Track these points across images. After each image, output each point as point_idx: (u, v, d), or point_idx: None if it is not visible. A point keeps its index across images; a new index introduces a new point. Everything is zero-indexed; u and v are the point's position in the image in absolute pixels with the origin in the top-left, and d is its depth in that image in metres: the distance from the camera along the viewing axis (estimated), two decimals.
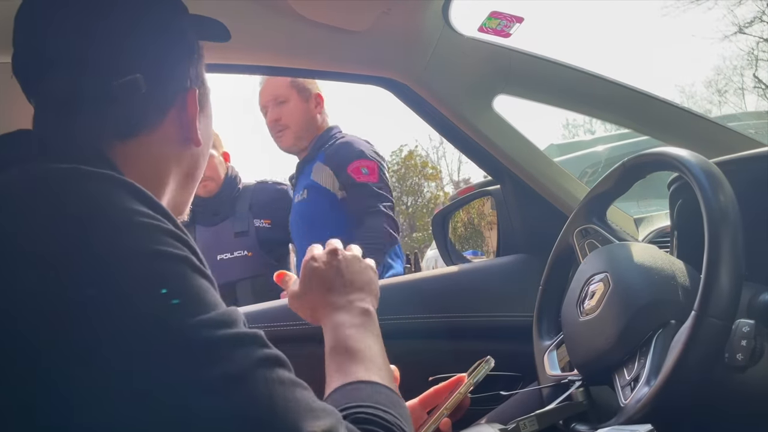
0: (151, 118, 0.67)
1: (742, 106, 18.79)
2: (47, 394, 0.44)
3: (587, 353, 0.89)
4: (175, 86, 0.69)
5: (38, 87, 0.66)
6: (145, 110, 0.67)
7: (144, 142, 0.66)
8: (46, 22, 0.64)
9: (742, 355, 0.71)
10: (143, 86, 0.65)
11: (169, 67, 0.69)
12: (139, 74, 0.65)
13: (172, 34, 0.70)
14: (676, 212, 1.02)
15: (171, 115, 0.69)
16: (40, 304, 0.45)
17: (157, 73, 0.67)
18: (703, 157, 0.82)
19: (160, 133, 0.68)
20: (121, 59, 0.65)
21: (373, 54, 1.20)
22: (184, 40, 0.71)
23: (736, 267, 0.72)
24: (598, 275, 0.90)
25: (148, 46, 0.67)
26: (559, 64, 1.31)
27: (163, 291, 0.47)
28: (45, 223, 0.48)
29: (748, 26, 15.99)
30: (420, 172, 29.78)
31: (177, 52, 0.70)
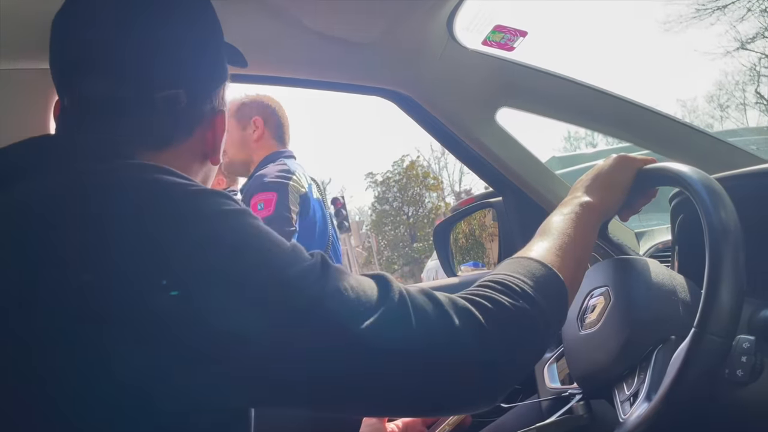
0: (184, 132, 0.70)
1: (743, 122, 18.83)
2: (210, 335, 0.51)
3: (587, 367, 0.89)
4: (209, 106, 0.72)
5: (77, 88, 0.66)
6: (180, 124, 0.69)
7: (171, 154, 0.68)
8: (95, 28, 0.66)
9: (743, 371, 0.71)
10: (184, 101, 0.68)
11: (208, 87, 0.72)
12: (181, 89, 0.67)
13: (214, 55, 0.72)
14: (677, 227, 1.02)
15: (198, 132, 0.71)
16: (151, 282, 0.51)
17: (196, 91, 0.69)
18: (705, 173, 0.82)
19: (186, 148, 0.70)
20: (166, 72, 0.67)
21: (378, 66, 1.21)
22: (222, 63, 0.74)
23: (736, 283, 0.72)
24: (599, 289, 0.90)
25: (192, 63, 0.69)
26: (562, 77, 1.32)
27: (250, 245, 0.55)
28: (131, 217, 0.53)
29: (750, 42, 16.06)
30: (421, 183, 29.80)
31: (215, 73, 0.73)
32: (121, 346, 0.50)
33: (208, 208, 0.56)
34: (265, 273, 0.54)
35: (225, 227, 0.56)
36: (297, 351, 0.53)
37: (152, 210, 0.54)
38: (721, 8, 15.64)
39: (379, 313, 0.56)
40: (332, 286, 0.56)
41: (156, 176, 0.58)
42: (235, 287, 0.53)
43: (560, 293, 0.67)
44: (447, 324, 0.58)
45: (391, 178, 30.09)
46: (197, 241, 0.53)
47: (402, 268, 29.43)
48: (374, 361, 0.55)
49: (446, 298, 0.61)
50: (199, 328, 0.51)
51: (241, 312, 0.52)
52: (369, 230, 29.30)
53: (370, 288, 0.58)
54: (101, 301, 0.50)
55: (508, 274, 0.66)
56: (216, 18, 0.73)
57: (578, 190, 0.85)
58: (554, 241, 0.74)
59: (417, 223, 29.49)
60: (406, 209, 29.95)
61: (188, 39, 0.69)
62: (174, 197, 0.56)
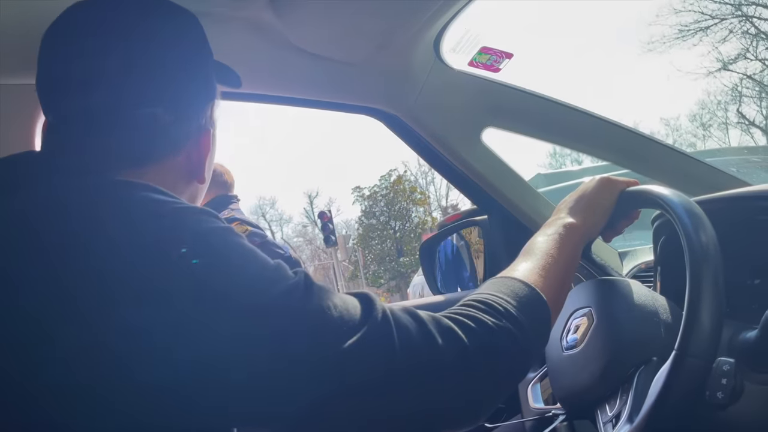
0: (168, 150, 0.69)
1: (726, 141, 19.11)
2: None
3: (570, 387, 0.89)
4: (193, 125, 0.71)
5: (59, 105, 0.67)
6: (164, 142, 0.69)
7: (156, 172, 0.68)
8: (78, 45, 0.66)
9: (723, 394, 0.72)
10: (163, 120, 0.67)
11: (191, 106, 0.71)
12: (160, 108, 0.67)
13: (198, 75, 0.72)
14: (659, 248, 1.03)
15: (184, 151, 0.71)
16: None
17: (181, 109, 0.69)
18: (686, 197, 0.84)
19: (171, 166, 0.70)
20: (149, 89, 0.67)
21: (365, 85, 1.22)
22: (208, 82, 0.74)
23: (716, 306, 0.73)
24: (582, 309, 0.91)
25: (176, 81, 0.69)
26: (547, 99, 1.34)
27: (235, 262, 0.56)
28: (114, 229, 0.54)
29: (732, 63, 16.35)
30: (408, 197, 29.86)
31: (200, 92, 0.73)
32: (102, 358, 0.50)
33: (192, 226, 0.56)
34: (249, 291, 0.54)
35: (209, 245, 0.56)
36: (280, 369, 0.53)
37: (135, 227, 0.54)
38: (703, 29, 15.93)
39: (363, 332, 0.56)
40: (315, 304, 0.56)
41: (139, 193, 0.58)
42: (218, 305, 0.53)
43: (543, 313, 0.68)
44: (430, 343, 0.58)
45: (378, 193, 30.13)
46: (180, 259, 0.53)
47: (388, 282, 29.37)
48: (357, 380, 0.55)
49: (430, 318, 0.61)
50: (181, 345, 0.51)
51: (224, 329, 0.52)
52: (356, 244, 29.25)
53: (353, 306, 0.59)
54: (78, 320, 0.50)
55: (491, 293, 0.67)
56: (203, 36, 0.73)
57: (562, 211, 0.86)
58: (538, 261, 0.75)
59: (404, 238, 29.49)
60: (392, 223, 29.96)
61: (172, 57, 0.68)
62: (157, 215, 0.56)
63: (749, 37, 15.94)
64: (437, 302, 1.46)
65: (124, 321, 0.50)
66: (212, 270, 0.54)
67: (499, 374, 0.62)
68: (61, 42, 0.67)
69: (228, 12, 0.96)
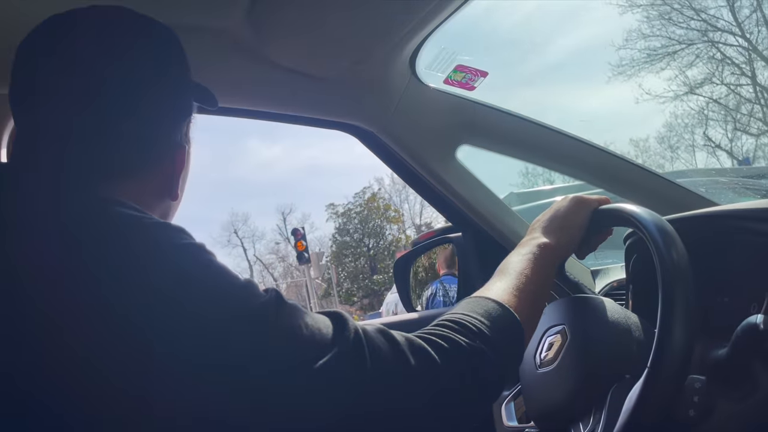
0: (140, 166, 0.68)
1: (693, 163, 19.57)
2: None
3: (544, 406, 0.89)
4: (168, 141, 0.70)
5: (34, 115, 0.65)
6: (137, 158, 0.67)
7: (127, 186, 0.66)
8: (57, 57, 0.65)
9: (694, 411, 0.72)
10: (139, 135, 0.66)
11: (166, 122, 0.70)
12: (137, 123, 0.66)
13: (176, 91, 0.71)
14: (631, 266, 1.04)
15: (159, 168, 0.69)
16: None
17: (155, 123, 0.68)
18: (658, 215, 0.85)
19: (145, 182, 0.68)
20: (125, 102, 0.66)
21: (341, 101, 1.22)
22: (186, 99, 0.73)
23: (688, 324, 0.73)
24: (556, 327, 0.91)
25: (152, 95, 0.68)
26: (521, 117, 1.35)
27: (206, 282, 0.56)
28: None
29: (698, 87, 16.80)
30: (382, 215, 29.91)
31: (177, 109, 0.72)
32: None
33: (163, 242, 0.56)
34: (220, 308, 0.54)
35: (180, 261, 0.55)
36: (250, 388, 0.52)
37: (106, 243, 0.54)
38: (671, 54, 16.37)
39: (334, 351, 0.56)
40: (286, 322, 0.56)
41: (110, 208, 0.57)
42: (188, 321, 0.52)
43: (516, 333, 0.68)
44: (402, 363, 0.58)
45: (352, 210, 30.12)
46: (151, 275, 0.53)
47: (362, 300, 29.26)
48: (328, 399, 0.55)
49: (402, 338, 0.61)
50: (151, 364, 0.50)
51: (194, 346, 0.51)
52: (329, 261, 29.13)
53: (325, 326, 0.58)
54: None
55: (465, 313, 0.67)
56: (182, 54, 0.72)
57: (536, 230, 0.87)
58: (512, 281, 0.75)
59: (377, 255, 29.48)
60: (366, 241, 29.95)
61: (152, 72, 0.68)
62: (128, 230, 0.55)
63: (715, 62, 16.43)
64: (411, 320, 1.45)
65: (97, 335, 0.50)
66: (182, 287, 0.53)
67: (472, 394, 0.62)
68: (40, 52, 0.66)
69: (204, 24, 0.95)
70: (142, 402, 0.50)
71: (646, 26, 16.54)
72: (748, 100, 16.53)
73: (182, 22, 0.91)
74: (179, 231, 0.58)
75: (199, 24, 0.95)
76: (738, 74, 16.28)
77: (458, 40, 1.38)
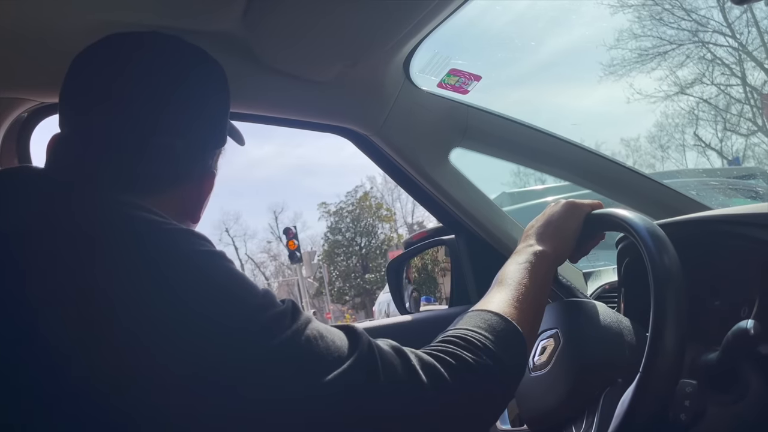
0: (171, 182, 0.70)
1: (683, 163, 19.67)
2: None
3: (537, 409, 0.90)
4: (202, 164, 0.73)
5: (80, 118, 0.69)
6: (170, 174, 0.70)
7: (155, 202, 0.67)
8: (115, 68, 0.69)
9: (685, 416, 0.73)
10: (179, 153, 0.69)
11: (205, 145, 0.73)
12: (177, 140, 0.69)
13: (218, 118, 0.75)
14: (623, 270, 1.05)
15: (186, 188, 0.72)
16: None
17: (193, 146, 0.71)
18: (650, 220, 0.85)
19: (170, 199, 0.70)
20: (169, 120, 0.69)
21: (334, 104, 1.22)
22: (223, 127, 0.76)
23: (680, 328, 0.74)
24: (549, 331, 0.92)
25: (196, 117, 0.71)
26: (514, 120, 1.36)
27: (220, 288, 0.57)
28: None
29: (689, 87, 16.89)
30: (374, 214, 29.91)
31: (216, 134, 0.75)
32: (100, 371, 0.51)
33: (184, 247, 0.57)
34: (239, 315, 0.55)
35: (201, 266, 0.57)
36: (263, 395, 0.53)
37: (128, 245, 0.55)
38: (661, 54, 16.45)
39: (348, 363, 0.57)
40: (303, 333, 0.57)
41: (134, 212, 0.59)
42: (206, 326, 0.53)
43: (519, 345, 0.70)
44: (413, 379, 0.60)
45: (344, 209, 30.10)
46: (173, 279, 0.54)
47: (353, 299, 29.26)
48: (340, 410, 0.56)
49: (413, 354, 0.62)
50: (172, 364, 0.51)
51: (213, 352, 0.53)
52: (321, 260, 29.10)
53: (339, 339, 0.59)
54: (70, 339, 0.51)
55: (470, 329, 0.68)
56: (227, 86, 0.76)
57: (531, 237, 0.87)
58: (512, 292, 0.76)
59: (369, 254, 29.48)
60: (358, 240, 29.94)
61: (198, 96, 0.71)
62: (150, 234, 0.57)
63: (705, 63, 16.52)
64: (404, 322, 1.46)
65: (122, 336, 0.52)
66: (200, 293, 0.54)
67: (479, 409, 0.65)
68: (99, 62, 0.70)
69: (199, 28, 0.95)
70: (146, 403, 0.51)
71: (637, 26, 16.62)
72: (737, 100, 16.65)
73: (178, 25, 0.91)
74: (201, 238, 0.60)
75: (194, 28, 0.94)
76: (728, 74, 16.39)
77: (451, 42, 1.38)
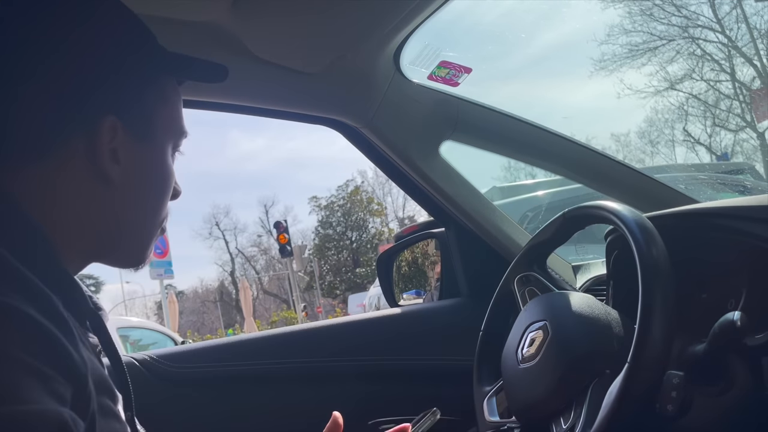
0: (49, 140, 0.57)
1: (672, 158, 19.76)
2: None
3: (526, 401, 0.90)
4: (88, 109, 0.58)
5: None
6: (42, 131, 0.57)
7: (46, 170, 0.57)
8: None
9: (672, 406, 0.73)
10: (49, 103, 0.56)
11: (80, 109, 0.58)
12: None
13: (91, 49, 0.59)
14: (612, 263, 1.05)
15: (75, 143, 0.58)
16: None
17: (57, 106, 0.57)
18: (639, 213, 0.86)
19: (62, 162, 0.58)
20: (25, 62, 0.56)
21: (324, 96, 1.21)
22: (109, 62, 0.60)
23: (667, 320, 0.75)
24: (538, 323, 0.92)
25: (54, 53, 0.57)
26: (504, 113, 1.36)
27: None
28: None
29: (678, 82, 16.96)
30: (365, 208, 29.90)
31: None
32: None
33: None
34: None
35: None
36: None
37: None
38: (652, 50, 16.50)
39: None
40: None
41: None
42: None
43: None
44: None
45: (335, 203, 30.08)
46: None
47: (344, 293, 29.29)
48: None
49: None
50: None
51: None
52: (312, 254, 29.07)
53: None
54: None
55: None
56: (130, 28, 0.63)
57: None
58: None
59: (360, 248, 29.50)
60: (349, 234, 29.94)
61: (58, 27, 0.58)
62: None
63: (695, 59, 16.59)
64: (394, 315, 1.46)
65: None
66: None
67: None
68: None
69: (187, 17, 0.94)
70: None
71: (628, 22, 16.65)
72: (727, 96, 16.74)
73: (166, 15, 0.90)
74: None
75: (182, 18, 0.94)
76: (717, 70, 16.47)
77: (442, 34, 1.38)
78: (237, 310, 28.56)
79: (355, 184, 30.27)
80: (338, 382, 1.29)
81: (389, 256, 1.78)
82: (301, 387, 1.27)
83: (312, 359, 1.29)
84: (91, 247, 0.62)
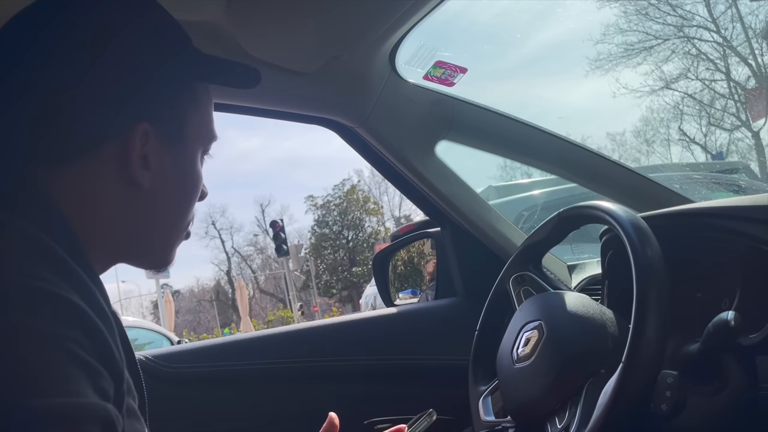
0: (85, 144, 0.58)
1: (668, 157, 19.81)
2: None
3: (521, 400, 0.90)
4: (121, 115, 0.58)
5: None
6: (79, 135, 0.57)
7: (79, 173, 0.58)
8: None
9: (666, 406, 0.74)
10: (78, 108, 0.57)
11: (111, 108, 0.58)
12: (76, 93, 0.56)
13: (124, 56, 0.59)
14: (606, 263, 1.06)
15: (109, 148, 0.58)
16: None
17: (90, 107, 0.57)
18: (633, 213, 0.86)
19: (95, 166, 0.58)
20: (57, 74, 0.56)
21: (320, 96, 1.21)
22: (142, 69, 0.60)
23: (662, 319, 0.75)
24: (533, 323, 0.92)
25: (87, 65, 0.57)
26: (499, 113, 1.36)
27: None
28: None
29: (674, 82, 17.00)
30: (362, 207, 29.89)
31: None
32: None
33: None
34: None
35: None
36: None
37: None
38: (647, 49, 16.53)
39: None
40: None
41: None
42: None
43: None
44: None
45: (331, 202, 30.05)
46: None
47: (341, 292, 29.27)
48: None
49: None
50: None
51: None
52: (308, 254, 29.05)
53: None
54: None
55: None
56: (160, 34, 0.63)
57: None
58: None
59: (356, 248, 29.47)
60: (345, 233, 29.92)
61: (91, 37, 0.59)
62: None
63: (690, 58, 16.63)
64: (390, 314, 1.46)
65: None
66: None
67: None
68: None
69: (182, 17, 0.93)
70: None
71: (623, 21, 16.68)
72: (722, 95, 16.79)
73: None
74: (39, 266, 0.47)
75: (177, 17, 0.93)
76: (712, 70, 16.51)
77: (437, 34, 1.38)
78: (233, 309, 28.51)
79: (352, 183, 30.27)
80: (334, 382, 1.29)
81: (385, 255, 1.79)
82: (297, 387, 1.27)
83: (307, 359, 1.29)
84: (118, 249, 0.63)
